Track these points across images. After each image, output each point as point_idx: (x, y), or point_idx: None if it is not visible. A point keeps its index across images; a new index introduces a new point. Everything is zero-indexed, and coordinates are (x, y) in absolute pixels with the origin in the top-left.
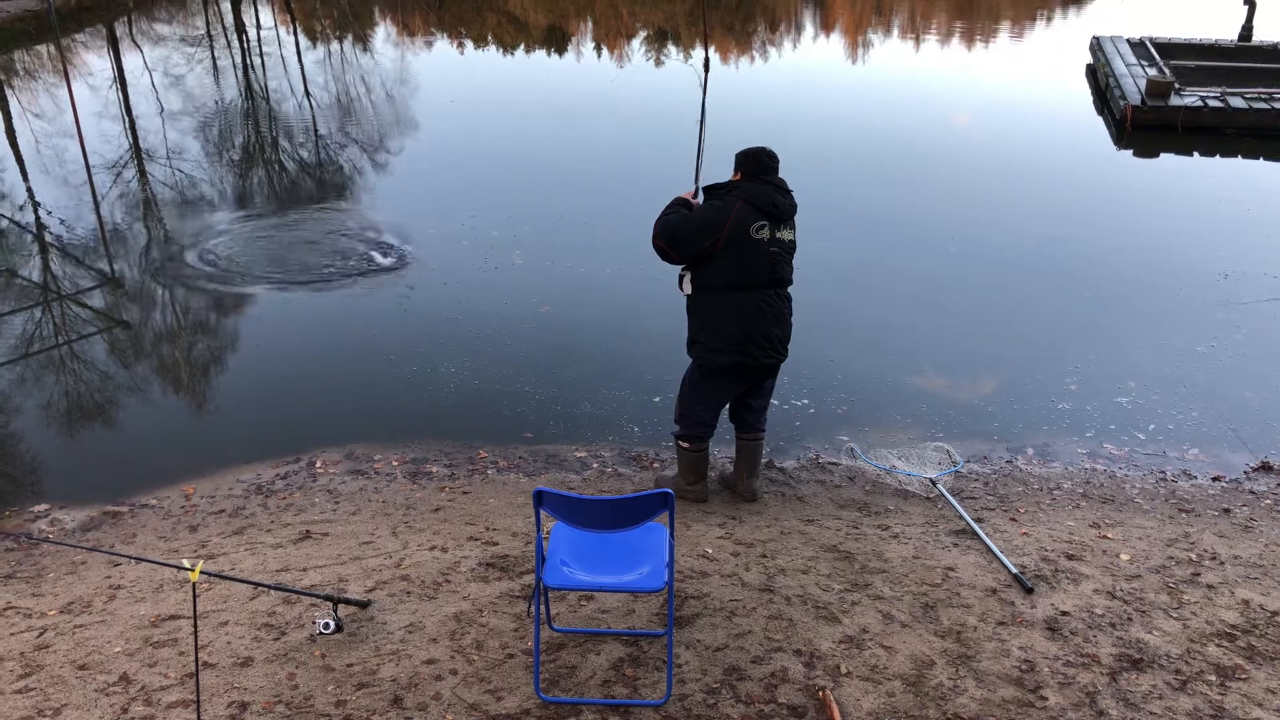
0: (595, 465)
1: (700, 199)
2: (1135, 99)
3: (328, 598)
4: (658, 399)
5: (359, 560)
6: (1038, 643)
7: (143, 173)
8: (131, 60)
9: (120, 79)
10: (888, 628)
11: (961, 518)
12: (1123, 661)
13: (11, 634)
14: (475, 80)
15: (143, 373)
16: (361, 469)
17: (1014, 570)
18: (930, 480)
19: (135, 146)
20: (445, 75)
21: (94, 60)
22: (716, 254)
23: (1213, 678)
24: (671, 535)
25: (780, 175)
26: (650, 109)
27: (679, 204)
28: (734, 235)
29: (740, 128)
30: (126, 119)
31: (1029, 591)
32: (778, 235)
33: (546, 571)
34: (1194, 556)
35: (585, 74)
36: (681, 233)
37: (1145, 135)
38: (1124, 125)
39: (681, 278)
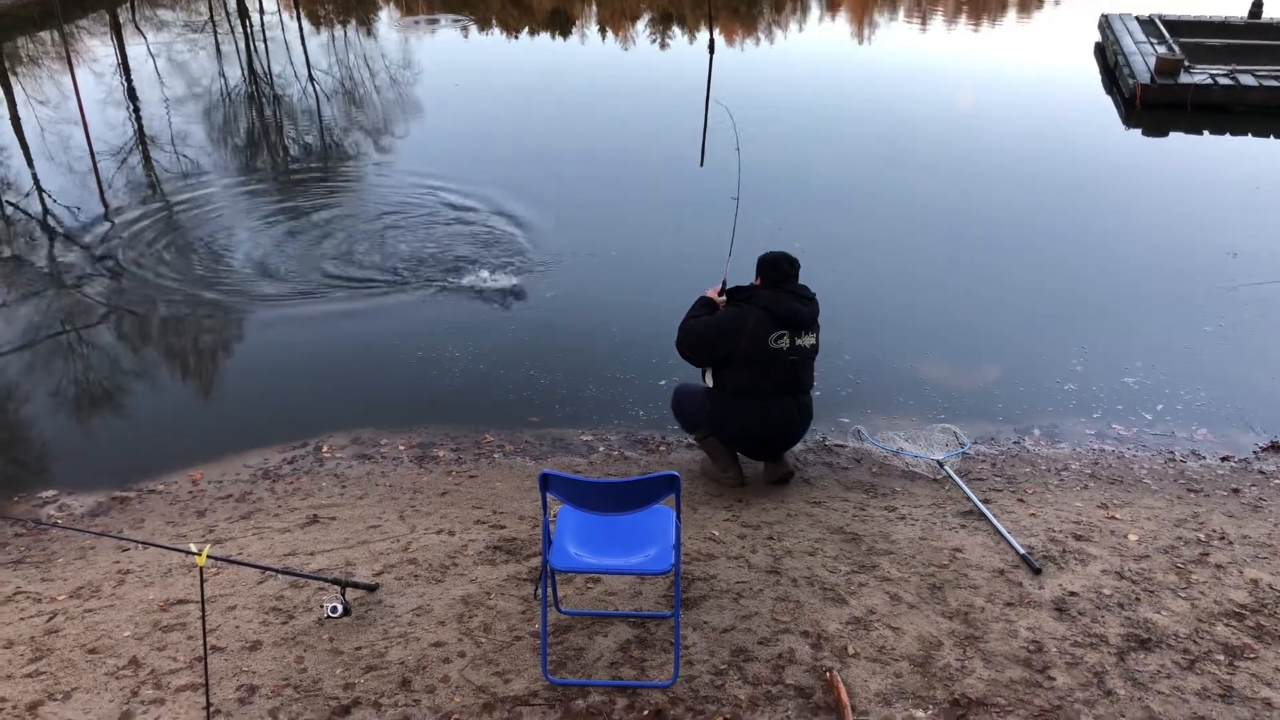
0: (602, 449)
1: (724, 295)
2: (1144, 77)
3: (335, 581)
4: (663, 382)
5: (366, 544)
6: (1046, 623)
7: (147, 158)
8: (135, 47)
9: (124, 65)
10: (895, 609)
11: (969, 499)
12: (1131, 641)
13: (21, 618)
14: (481, 63)
15: (150, 359)
16: (368, 453)
17: (1022, 551)
18: (937, 462)
19: (140, 132)
20: (450, 59)
21: (98, 46)
22: (734, 361)
23: (1221, 657)
24: (678, 517)
25: (801, 282)
26: (655, 89)
27: (704, 304)
28: (752, 346)
29: (750, 108)
30: (131, 105)
31: (1037, 572)
32: (798, 343)
33: (553, 554)
34: (1202, 536)
35: (590, 56)
36: (704, 340)
37: (1154, 114)
38: (1133, 104)
39: (704, 371)
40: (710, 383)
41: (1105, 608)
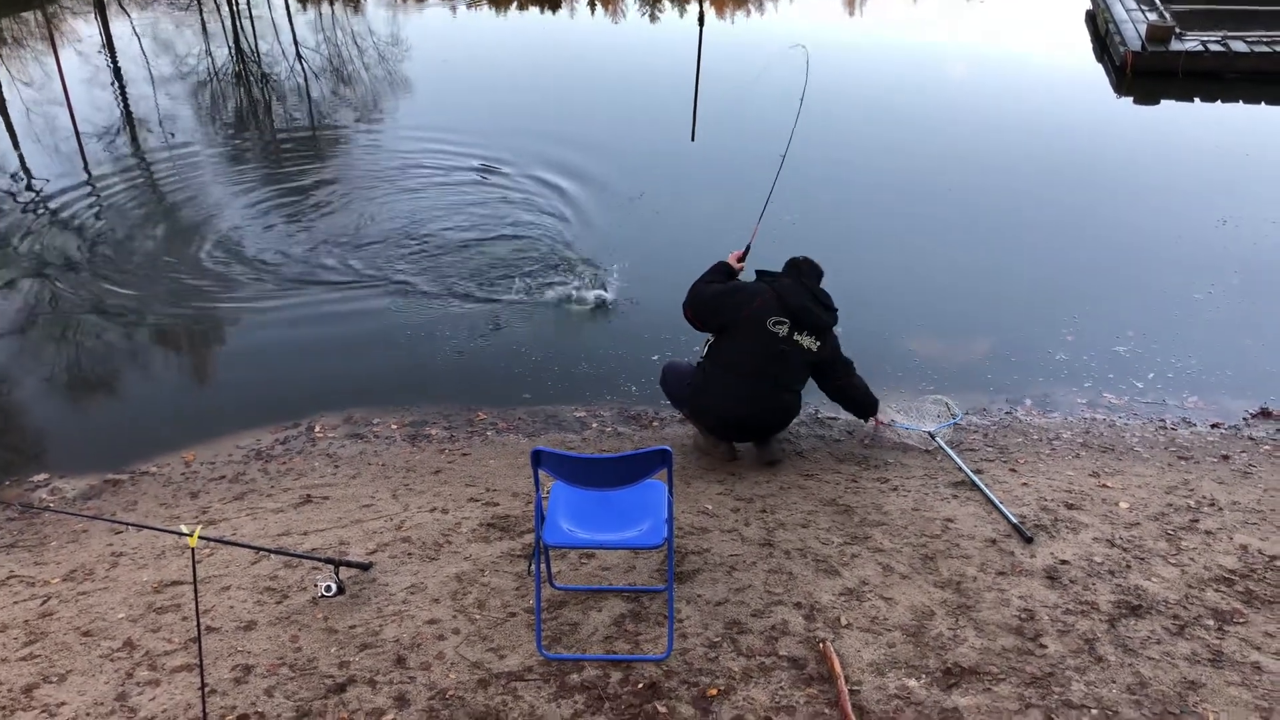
0: (595, 425)
1: (747, 262)
2: (1135, 45)
3: (329, 561)
4: (655, 357)
5: (360, 523)
6: (1037, 591)
7: (134, 139)
8: (119, 25)
9: (109, 45)
10: (887, 579)
11: (960, 470)
12: (1121, 608)
13: (15, 602)
14: (468, 39)
15: (141, 341)
16: (361, 433)
17: (1014, 520)
18: (929, 434)
19: (126, 112)
20: (438, 36)
21: (81, 26)
22: (731, 333)
23: (1211, 622)
24: (670, 492)
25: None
26: (645, 62)
27: (720, 270)
28: (752, 319)
29: (740, 84)
30: (116, 85)
31: (1028, 541)
32: (795, 337)
33: (546, 530)
34: (1193, 503)
35: (580, 30)
36: (711, 305)
37: (1146, 81)
38: (1124, 72)
39: (705, 343)
40: (704, 355)
41: (1096, 575)
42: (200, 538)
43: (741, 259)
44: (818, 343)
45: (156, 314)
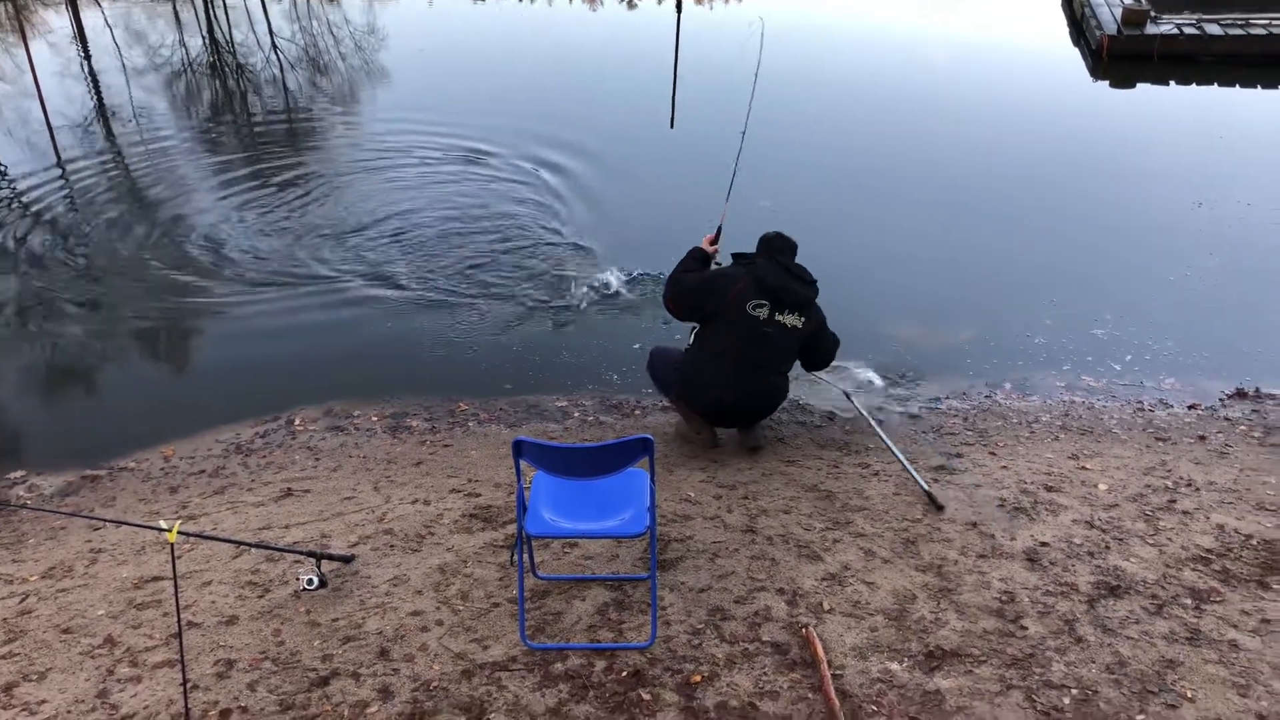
0: (576, 414)
1: (721, 243)
2: (1111, 28)
3: (311, 554)
4: (637, 345)
5: (341, 516)
6: (1017, 574)
7: (108, 131)
8: (92, 17)
9: (80, 36)
10: (869, 564)
11: (874, 431)
12: (1100, 589)
13: None
14: (445, 27)
15: (118, 335)
16: (341, 425)
17: (925, 486)
18: (845, 393)
19: (99, 105)
20: (414, 25)
21: (53, 18)
22: (715, 320)
23: (1188, 601)
24: (652, 480)
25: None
26: (623, 50)
27: (696, 257)
28: (734, 306)
29: (710, 71)
30: (89, 77)
31: (940, 509)
32: (777, 318)
33: (529, 520)
34: (1170, 484)
35: (559, 17)
36: (691, 296)
37: (1122, 65)
38: (1100, 55)
39: (691, 330)
40: (690, 341)
41: (1076, 557)
42: (179, 533)
43: (714, 241)
44: (802, 319)
45: (133, 307)
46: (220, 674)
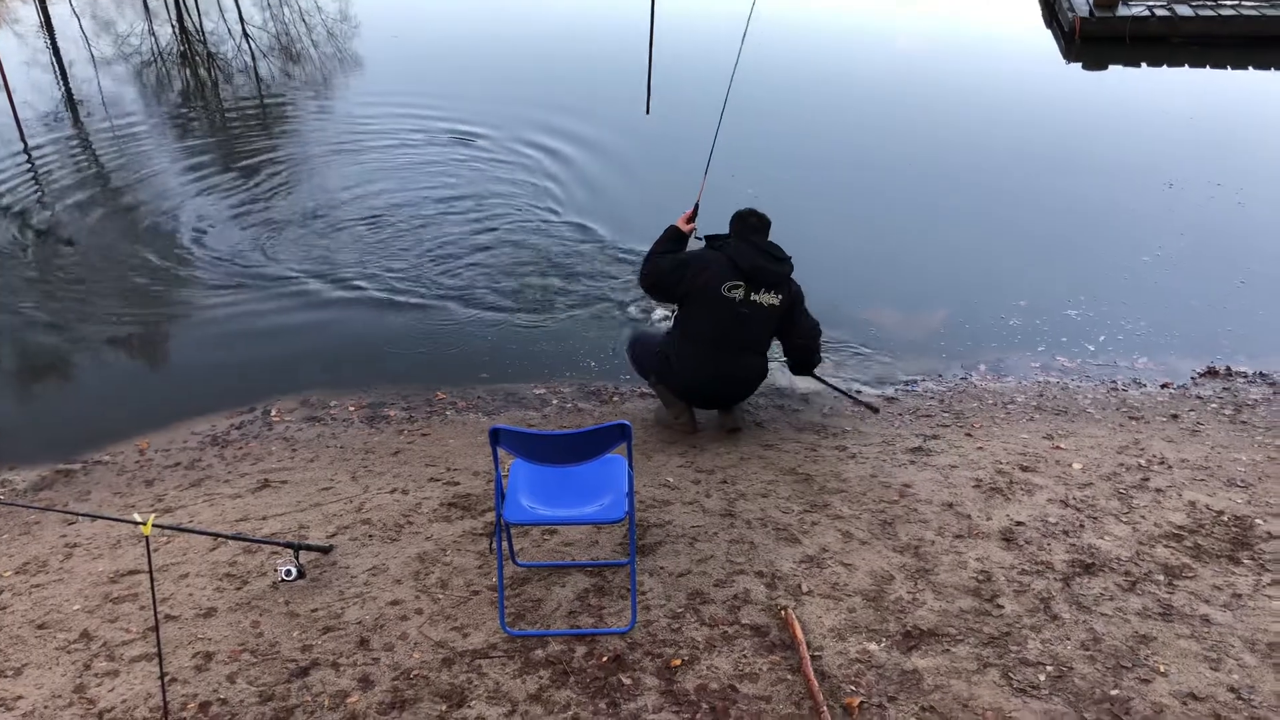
0: (555, 401)
1: (698, 221)
2: (1083, 10)
3: (289, 545)
4: (616, 331)
5: (319, 506)
6: (994, 553)
7: (77, 120)
8: (58, 6)
9: (47, 25)
10: (847, 546)
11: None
12: (1075, 567)
13: None
14: (421, 13)
15: (92, 327)
16: (318, 416)
17: (855, 398)
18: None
19: (68, 94)
20: (388, 11)
21: (18, 6)
22: (691, 303)
23: (1161, 578)
24: (630, 466)
25: (771, 239)
26: (598, 33)
27: (671, 237)
28: (707, 288)
29: (681, 58)
30: (56, 67)
31: (875, 411)
32: (753, 298)
33: (507, 508)
34: (1143, 462)
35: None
36: (665, 276)
37: (1094, 47)
38: (1072, 38)
39: (673, 313)
40: (671, 323)
41: (1051, 535)
42: (155, 526)
43: (691, 219)
44: (778, 296)
45: (105, 299)
46: (199, 666)
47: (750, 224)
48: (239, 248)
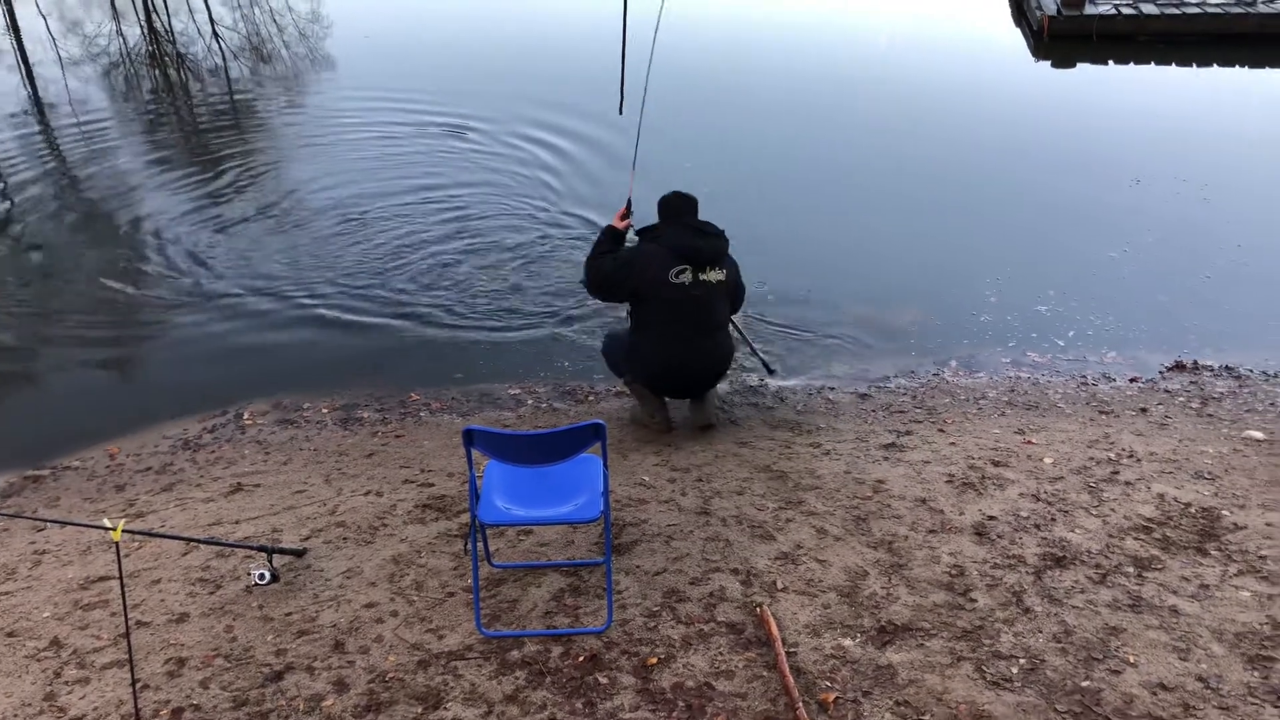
0: (530, 401)
1: (633, 217)
2: (1051, 9)
3: (262, 548)
4: (590, 331)
5: (293, 510)
6: (966, 548)
7: (45, 122)
8: (24, 7)
9: (13, 26)
10: (821, 542)
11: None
12: (1047, 560)
13: None
14: (393, 13)
15: (60, 330)
16: (291, 418)
17: (761, 356)
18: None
19: (35, 97)
20: (360, 11)
21: None
22: (643, 299)
23: (1131, 570)
24: (605, 465)
25: (702, 217)
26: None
27: (609, 238)
28: (655, 281)
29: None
30: (22, 68)
31: (771, 373)
32: (701, 278)
33: (482, 509)
34: (1113, 456)
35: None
36: (607, 278)
37: (1062, 45)
38: (1041, 36)
39: (627, 311)
40: (630, 323)
41: (1023, 529)
42: (125, 531)
43: (626, 215)
44: (723, 271)
45: (74, 302)
46: (171, 672)
47: (676, 206)
48: (210, 249)
